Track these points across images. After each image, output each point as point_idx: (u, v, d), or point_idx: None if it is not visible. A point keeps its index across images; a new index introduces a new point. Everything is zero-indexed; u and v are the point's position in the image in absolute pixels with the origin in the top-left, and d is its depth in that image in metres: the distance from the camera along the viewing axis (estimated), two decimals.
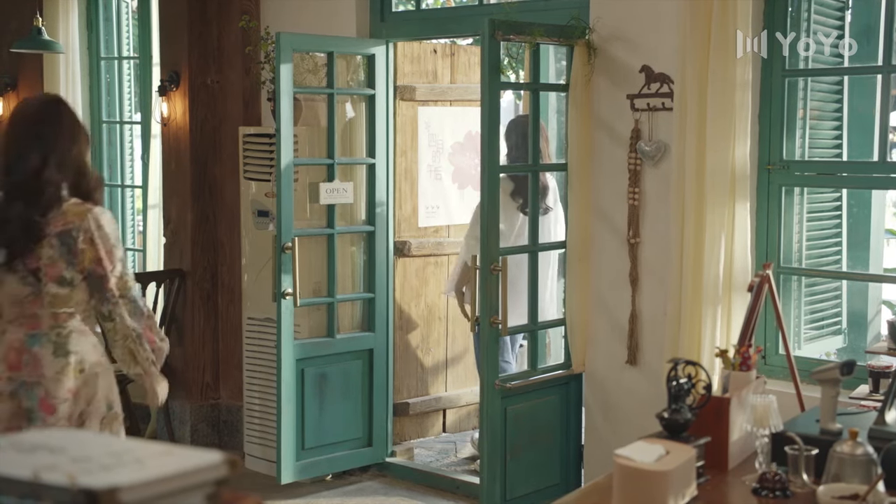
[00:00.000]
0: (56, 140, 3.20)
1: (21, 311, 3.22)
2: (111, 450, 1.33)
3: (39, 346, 3.20)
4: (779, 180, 4.49)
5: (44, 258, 3.16)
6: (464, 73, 6.21)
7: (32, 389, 3.19)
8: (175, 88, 6.19)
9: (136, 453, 1.33)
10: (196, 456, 1.35)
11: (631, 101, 4.75)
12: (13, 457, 1.27)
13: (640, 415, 4.82)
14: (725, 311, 4.38)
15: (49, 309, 3.20)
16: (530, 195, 4.91)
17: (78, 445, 1.34)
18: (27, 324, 3.22)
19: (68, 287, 3.19)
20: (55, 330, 3.21)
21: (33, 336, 3.21)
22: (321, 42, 5.49)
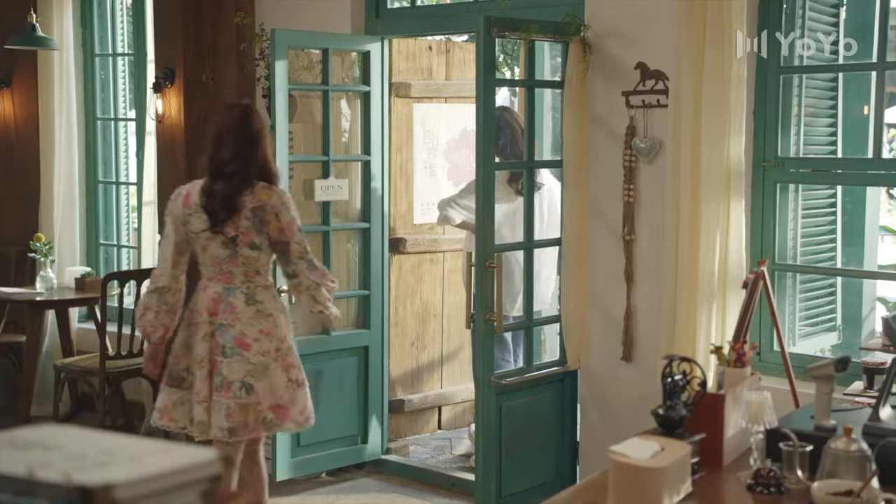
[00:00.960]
0: (247, 138, 4.11)
1: (220, 269, 4.12)
2: (105, 447, 1.33)
3: (234, 297, 4.08)
4: (774, 177, 4.49)
5: (240, 227, 4.03)
6: (459, 69, 6.21)
7: (228, 331, 4.04)
8: (170, 85, 6.18)
9: (131, 450, 1.33)
10: (191, 453, 1.35)
11: (626, 97, 4.75)
12: (8, 454, 1.27)
13: (635, 411, 4.82)
14: (720, 308, 4.39)
15: (242, 268, 4.08)
16: (525, 192, 4.91)
17: (72, 442, 1.34)
18: (224, 279, 4.11)
19: (257, 251, 4.07)
20: (245, 284, 4.09)
21: (228, 289, 4.09)
22: (316, 39, 5.49)
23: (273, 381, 4.05)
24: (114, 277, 6.09)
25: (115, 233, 7.23)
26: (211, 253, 4.10)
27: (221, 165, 4.09)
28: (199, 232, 4.08)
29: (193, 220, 4.10)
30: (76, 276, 6.63)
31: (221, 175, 4.08)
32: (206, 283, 4.16)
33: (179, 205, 4.15)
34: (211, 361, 4.04)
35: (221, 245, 4.06)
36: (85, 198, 7.16)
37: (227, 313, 4.05)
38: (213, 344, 4.05)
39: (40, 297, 6.42)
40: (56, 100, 6.86)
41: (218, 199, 4.04)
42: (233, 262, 4.07)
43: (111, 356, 6.04)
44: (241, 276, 4.08)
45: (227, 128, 4.14)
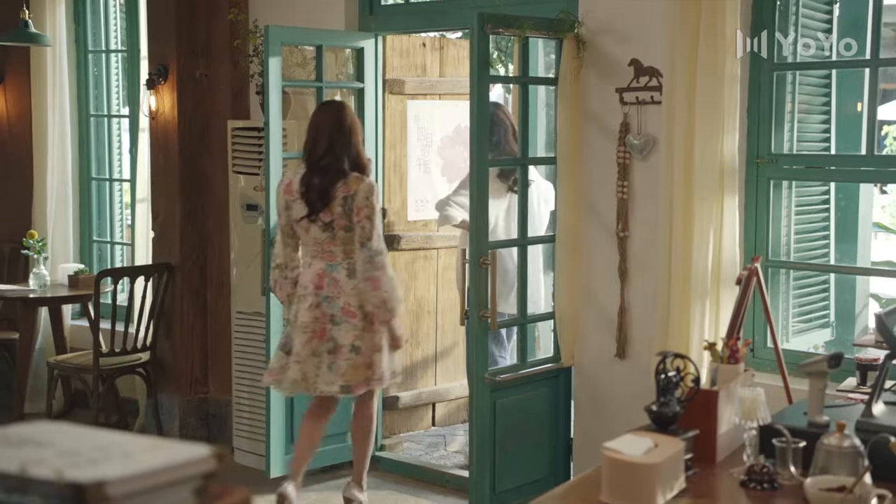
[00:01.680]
0: (340, 134, 4.61)
1: (321, 248, 4.61)
2: (99, 443, 1.33)
3: (337, 273, 4.58)
4: (767, 174, 4.50)
5: (335, 214, 4.54)
6: (453, 66, 6.21)
7: (334, 301, 4.56)
8: (163, 82, 6.17)
9: (124, 447, 1.33)
10: (184, 449, 1.34)
11: (620, 94, 4.75)
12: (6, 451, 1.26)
13: (629, 408, 4.82)
14: (714, 305, 4.39)
15: (341, 246, 4.57)
16: (519, 189, 4.91)
17: (65, 439, 1.33)
18: (326, 257, 4.61)
19: (352, 232, 4.54)
20: (346, 260, 4.58)
21: (331, 265, 4.59)
22: (310, 35, 5.48)
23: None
24: (107, 274, 6.09)
25: (109, 230, 7.22)
26: (313, 235, 4.61)
27: (318, 160, 4.59)
28: (300, 218, 4.60)
29: (295, 207, 4.62)
30: (69, 273, 6.62)
31: (318, 168, 4.59)
32: (311, 260, 4.66)
33: (282, 193, 4.68)
34: (314, 329, 4.56)
35: (321, 229, 4.58)
36: (78, 195, 7.15)
37: (332, 287, 4.56)
38: (318, 314, 4.57)
39: (33, 294, 6.41)
40: (49, 96, 6.85)
41: (315, 191, 4.56)
42: (332, 243, 4.58)
43: (105, 353, 6.04)
44: (341, 253, 4.58)
45: (323, 125, 4.64)
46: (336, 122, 4.64)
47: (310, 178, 4.60)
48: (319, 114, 4.74)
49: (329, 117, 4.66)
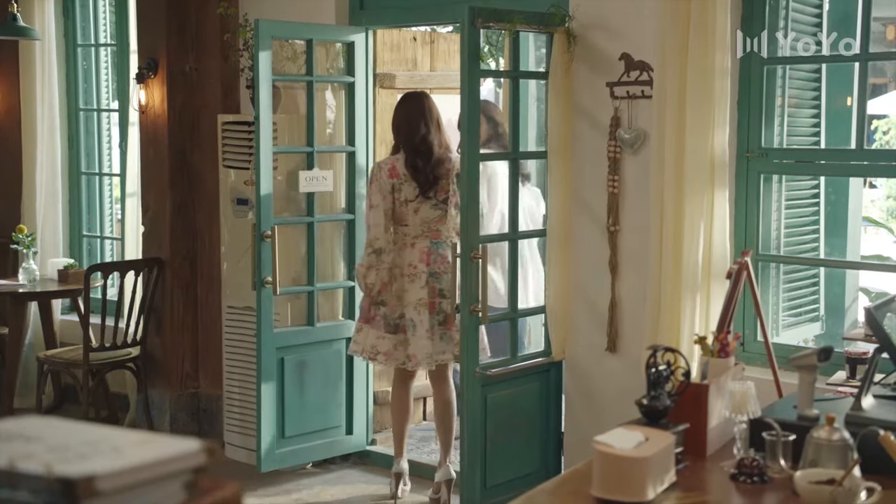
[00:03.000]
0: (431, 120, 5.10)
1: (428, 227, 5.06)
2: (88, 438, 1.33)
3: (442, 249, 5.04)
4: (758, 168, 4.50)
5: (449, 191, 4.99)
6: (444, 60, 6.20)
7: (442, 276, 5.01)
8: (153, 76, 6.15)
9: (114, 441, 1.32)
10: (174, 444, 1.34)
11: (611, 88, 4.75)
12: None
13: (619, 402, 4.83)
14: (704, 299, 4.40)
15: (446, 225, 5.02)
16: (509, 183, 4.91)
17: (55, 434, 1.33)
18: (433, 235, 5.06)
19: (456, 209, 4.86)
20: (448, 239, 5.02)
21: (436, 243, 5.05)
22: (300, 29, 5.47)
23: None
24: (97, 269, 6.07)
25: (99, 224, 7.20)
26: (422, 215, 5.04)
27: (418, 144, 5.03)
28: (413, 198, 5.01)
29: (405, 189, 5.02)
30: (59, 268, 6.60)
31: (419, 152, 5.02)
32: (413, 240, 5.05)
33: (385, 177, 5.02)
34: (429, 304, 4.98)
35: (432, 207, 5.04)
36: (67, 189, 7.13)
37: (440, 263, 5.01)
38: (430, 289, 4.99)
39: (23, 288, 6.40)
40: (38, 91, 6.84)
41: (424, 173, 5.00)
42: (441, 221, 5.03)
43: (95, 348, 6.02)
44: (445, 231, 5.02)
45: (416, 113, 5.07)
46: (427, 108, 5.09)
47: (414, 160, 5.01)
48: (409, 103, 5.13)
49: (420, 106, 5.08)
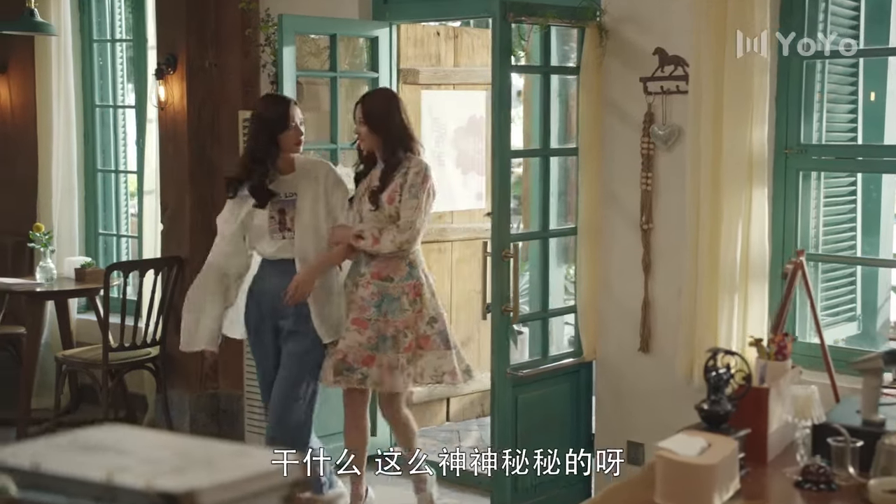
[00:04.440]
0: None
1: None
2: (179, 450, 1.24)
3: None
4: (796, 165, 4.41)
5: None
6: (467, 55, 6.11)
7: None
8: (172, 71, 6.06)
9: (207, 453, 1.24)
10: (270, 457, 1.26)
11: (644, 84, 4.66)
12: (79, 458, 1.17)
13: (652, 402, 4.76)
14: (742, 299, 4.31)
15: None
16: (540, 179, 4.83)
17: (144, 446, 1.25)
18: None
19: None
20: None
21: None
22: (324, 24, 5.38)
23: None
24: (117, 268, 5.99)
25: (115, 222, 7.11)
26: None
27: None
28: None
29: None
30: (76, 267, 6.51)
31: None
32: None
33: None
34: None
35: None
36: (83, 186, 7.04)
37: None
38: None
39: (40, 287, 6.30)
40: (54, 86, 6.74)
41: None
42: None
43: (114, 348, 5.93)
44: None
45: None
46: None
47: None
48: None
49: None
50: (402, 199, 4.37)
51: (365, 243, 4.39)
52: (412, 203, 4.37)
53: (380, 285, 4.44)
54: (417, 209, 4.38)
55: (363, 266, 4.48)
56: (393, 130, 4.40)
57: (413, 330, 4.44)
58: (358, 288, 4.48)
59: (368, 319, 4.43)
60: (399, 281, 4.44)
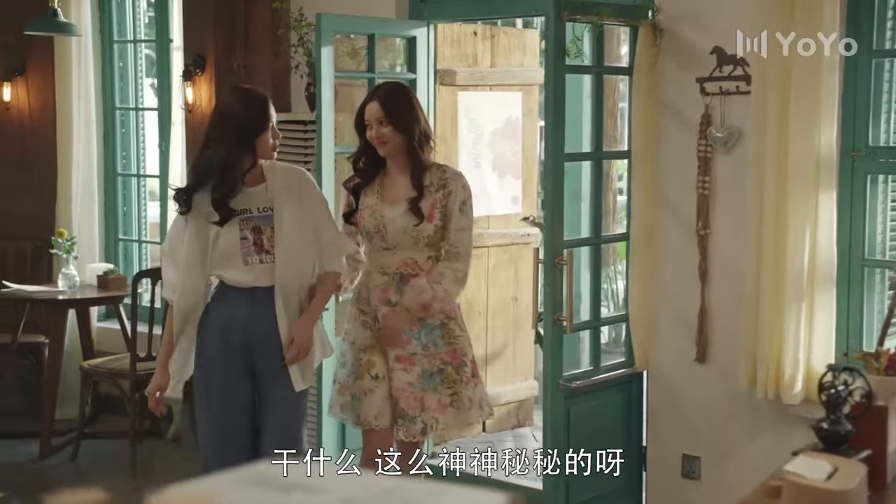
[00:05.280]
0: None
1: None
2: (375, 489, 1.07)
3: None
4: (864, 168, 4.25)
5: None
6: (503, 56, 5.94)
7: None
8: (200, 73, 5.89)
9: (407, 493, 1.07)
10: (474, 496, 1.09)
11: (701, 84, 4.50)
12: (273, 497, 1.00)
13: (709, 414, 4.60)
14: (808, 307, 4.15)
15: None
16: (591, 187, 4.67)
17: (335, 484, 1.08)
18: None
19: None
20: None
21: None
22: (363, 24, 5.21)
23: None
24: (145, 275, 5.80)
25: (136, 228, 6.92)
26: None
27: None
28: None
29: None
30: (98, 274, 6.33)
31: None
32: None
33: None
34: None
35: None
36: (103, 191, 6.86)
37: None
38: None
39: (63, 295, 6.12)
40: (74, 88, 6.56)
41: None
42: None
43: (141, 358, 5.75)
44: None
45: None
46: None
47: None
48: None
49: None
50: (444, 215, 3.79)
51: (442, 305, 3.81)
52: (464, 223, 3.83)
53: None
54: (469, 231, 3.88)
55: (393, 293, 3.82)
56: (418, 129, 3.82)
57: (461, 360, 3.89)
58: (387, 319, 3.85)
59: (413, 354, 3.82)
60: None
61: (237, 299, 3.71)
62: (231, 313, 3.71)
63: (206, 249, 3.67)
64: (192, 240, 3.67)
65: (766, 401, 4.31)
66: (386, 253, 3.84)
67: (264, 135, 3.67)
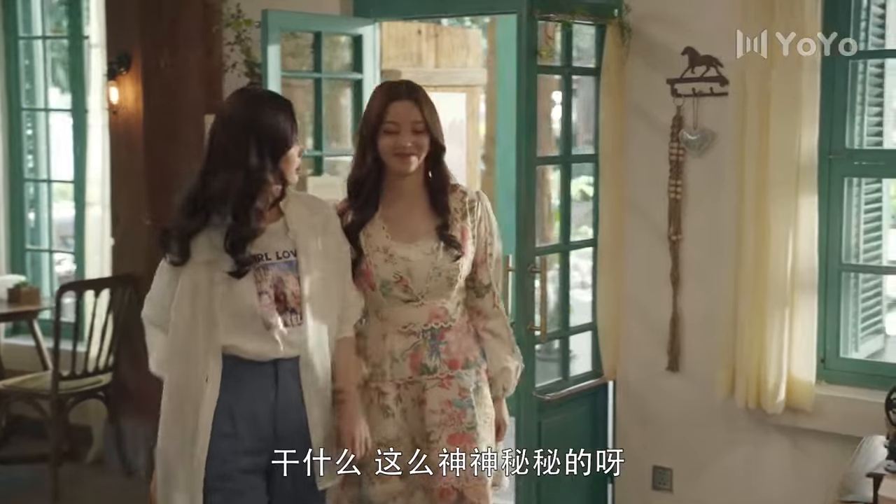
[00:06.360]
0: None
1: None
2: None
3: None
4: (841, 171, 4.18)
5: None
6: (447, 56, 5.75)
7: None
8: (125, 72, 5.52)
9: None
10: None
11: (672, 86, 4.37)
12: None
13: (682, 424, 4.49)
14: (790, 314, 4.07)
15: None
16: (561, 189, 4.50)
17: None
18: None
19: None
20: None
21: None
22: (310, 21, 4.94)
23: None
24: (69, 288, 5.41)
25: (47, 237, 6.49)
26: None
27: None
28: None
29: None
30: (9, 287, 5.90)
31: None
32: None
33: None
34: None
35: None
36: (9, 197, 6.41)
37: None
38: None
39: None
40: None
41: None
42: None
43: (64, 377, 5.36)
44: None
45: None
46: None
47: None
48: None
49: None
50: (476, 244, 3.10)
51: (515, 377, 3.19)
52: (498, 254, 3.20)
53: (463, 377, 3.06)
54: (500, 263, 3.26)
55: (427, 356, 3.03)
56: (443, 136, 3.11)
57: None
58: (429, 391, 3.01)
59: (472, 429, 3.01)
60: (479, 361, 3.13)
61: (255, 379, 2.79)
62: (249, 400, 2.79)
63: (213, 312, 2.75)
64: (190, 299, 2.77)
65: (743, 410, 4.21)
66: (408, 306, 3.02)
67: (292, 151, 2.82)
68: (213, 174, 2.76)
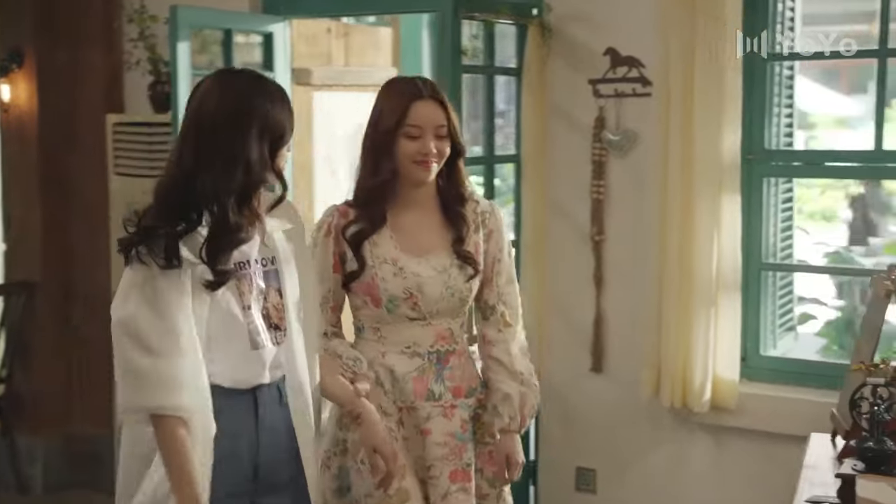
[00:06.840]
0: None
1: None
2: None
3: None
4: (759, 171, 4.24)
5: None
6: (357, 55, 5.65)
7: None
8: (17, 69, 5.27)
9: None
10: None
11: (594, 86, 4.37)
12: None
13: (606, 425, 4.49)
14: (714, 313, 4.10)
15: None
16: (485, 191, 4.46)
17: None
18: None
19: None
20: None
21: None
22: (219, 18, 4.78)
23: None
24: None
25: None
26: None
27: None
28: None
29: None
30: None
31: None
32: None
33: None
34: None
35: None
36: None
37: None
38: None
39: None
40: None
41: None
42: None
43: None
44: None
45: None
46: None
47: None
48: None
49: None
50: (484, 261, 2.87)
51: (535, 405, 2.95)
52: (513, 273, 2.96)
53: (467, 406, 2.87)
54: (516, 284, 3.00)
55: (433, 381, 2.81)
56: (462, 138, 2.86)
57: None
58: (433, 421, 2.79)
59: (469, 466, 2.82)
60: (481, 388, 2.92)
61: (232, 411, 2.37)
62: (229, 436, 2.34)
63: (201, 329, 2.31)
64: (188, 311, 2.29)
65: (667, 410, 4.24)
66: (414, 325, 2.78)
67: (283, 148, 2.40)
68: (204, 168, 2.29)
